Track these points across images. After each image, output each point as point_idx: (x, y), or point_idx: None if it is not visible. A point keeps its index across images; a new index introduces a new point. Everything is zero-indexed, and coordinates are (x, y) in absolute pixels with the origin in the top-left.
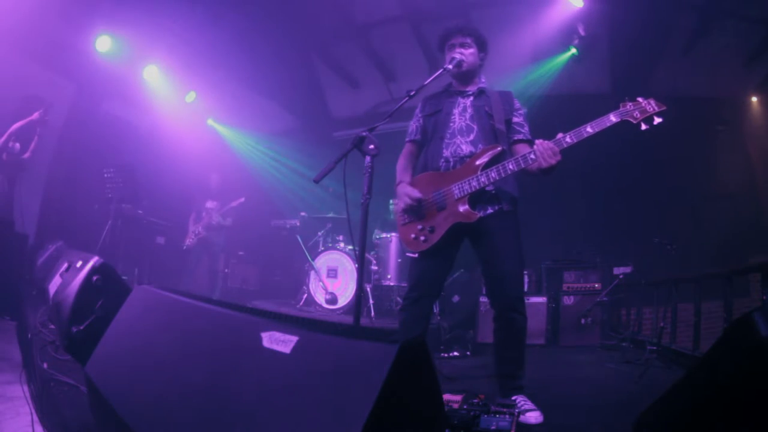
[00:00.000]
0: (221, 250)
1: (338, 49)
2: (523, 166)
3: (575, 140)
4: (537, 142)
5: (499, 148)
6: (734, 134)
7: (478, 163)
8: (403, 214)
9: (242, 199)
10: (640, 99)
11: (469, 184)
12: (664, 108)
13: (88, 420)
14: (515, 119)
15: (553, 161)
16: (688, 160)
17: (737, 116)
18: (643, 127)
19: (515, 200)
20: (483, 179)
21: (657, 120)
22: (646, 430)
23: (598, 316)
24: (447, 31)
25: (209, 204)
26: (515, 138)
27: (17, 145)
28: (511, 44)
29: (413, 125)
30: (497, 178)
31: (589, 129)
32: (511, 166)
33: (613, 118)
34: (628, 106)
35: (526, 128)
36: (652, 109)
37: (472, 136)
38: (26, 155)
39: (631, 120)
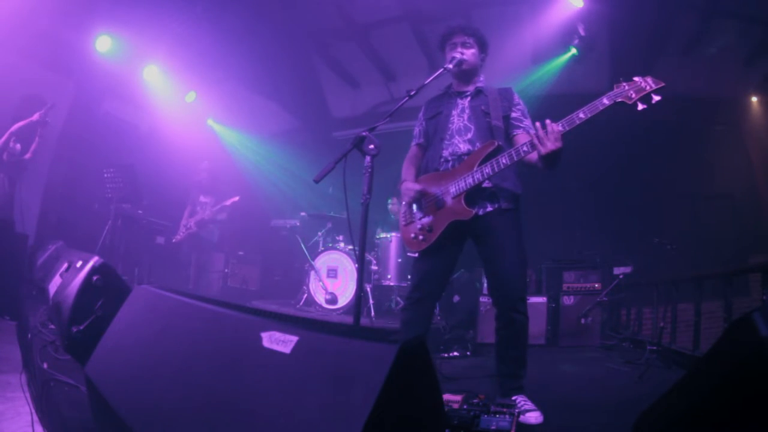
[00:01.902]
0: (213, 247)
1: (338, 49)
2: (515, 158)
3: (567, 128)
4: (537, 125)
5: (494, 144)
6: (734, 134)
7: (474, 160)
8: (408, 210)
9: (236, 198)
10: (636, 78)
11: (465, 181)
12: (662, 85)
13: (88, 420)
14: (513, 114)
15: (552, 146)
16: (688, 160)
17: (737, 116)
18: (640, 107)
19: (516, 197)
20: (477, 175)
21: (655, 98)
22: (646, 430)
23: (598, 316)
24: (449, 30)
25: (203, 198)
26: (514, 132)
27: (18, 145)
28: (511, 44)
29: (417, 129)
30: (491, 173)
31: (581, 115)
32: (504, 160)
33: (605, 100)
34: (623, 87)
35: (526, 122)
36: (649, 87)
37: (469, 135)
38: (27, 156)
39: (626, 101)
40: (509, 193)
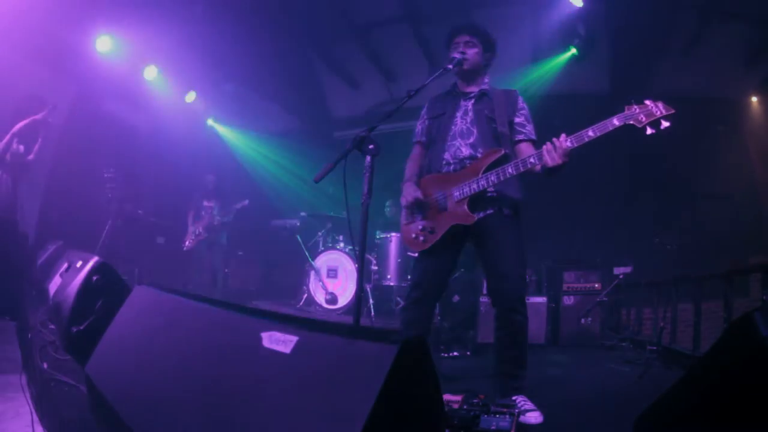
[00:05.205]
0: (224, 248)
1: (338, 49)
2: (522, 169)
3: (576, 144)
4: (553, 140)
5: (501, 152)
6: (734, 134)
7: (479, 166)
8: (406, 212)
9: (246, 202)
10: (647, 102)
11: (469, 186)
12: (672, 111)
13: (88, 420)
14: (517, 119)
15: (559, 161)
16: (688, 160)
17: (737, 116)
18: (649, 131)
19: (517, 204)
20: (482, 182)
21: (664, 124)
22: (646, 430)
23: (598, 316)
24: (453, 29)
25: (207, 203)
26: (517, 138)
27: (21, 146)
28: (511, 44)
29: (419, 127)
30: (496, 181)
31: (590, 133)
32: (510, 170)
33: (616, 121)
34: (633, 110)
35: (529, 128)
36: (659, 113)
37: (472, 139)
38: (30, 157)
39: (636, 124)
40: (511, 199)
